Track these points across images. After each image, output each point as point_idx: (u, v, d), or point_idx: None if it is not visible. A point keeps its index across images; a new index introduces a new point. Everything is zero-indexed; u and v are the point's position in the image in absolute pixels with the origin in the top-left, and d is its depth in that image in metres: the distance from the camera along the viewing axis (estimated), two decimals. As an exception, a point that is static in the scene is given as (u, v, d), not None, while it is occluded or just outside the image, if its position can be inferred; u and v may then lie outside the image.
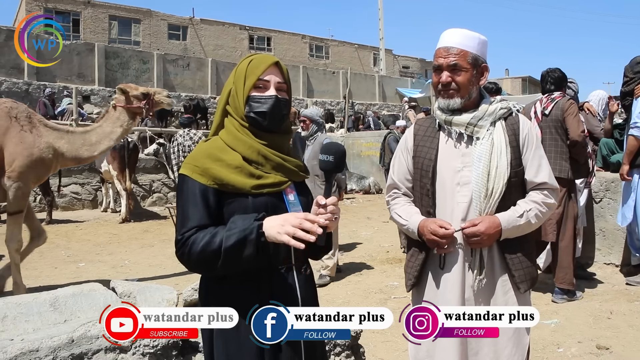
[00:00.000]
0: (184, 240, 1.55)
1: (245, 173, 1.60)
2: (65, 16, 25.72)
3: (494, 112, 2.07)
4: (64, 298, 2.66)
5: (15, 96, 16.22)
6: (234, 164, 1.60)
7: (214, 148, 1.65)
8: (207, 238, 1.52)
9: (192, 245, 1.53)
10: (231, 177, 1.59)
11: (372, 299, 4.86)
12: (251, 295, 1.60)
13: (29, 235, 4.97)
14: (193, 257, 1.53)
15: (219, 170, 1.59)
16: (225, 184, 1.59)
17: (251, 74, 1.65)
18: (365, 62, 36.41)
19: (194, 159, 1.63)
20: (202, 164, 1.60)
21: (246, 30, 31.74)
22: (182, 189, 1.62)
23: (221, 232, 1.52)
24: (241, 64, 1.70)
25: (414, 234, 2.12)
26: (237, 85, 1.67)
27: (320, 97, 26.54)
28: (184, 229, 1.56)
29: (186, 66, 23.81)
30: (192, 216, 1.57)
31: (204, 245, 1.51)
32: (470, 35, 2.08)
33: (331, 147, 1.70)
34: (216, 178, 1.58)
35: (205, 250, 1.51)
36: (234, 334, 1.59)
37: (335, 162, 1.67)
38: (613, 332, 3.98)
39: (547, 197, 2.09)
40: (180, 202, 1.62)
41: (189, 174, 1.60)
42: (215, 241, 1.50)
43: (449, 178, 2.08)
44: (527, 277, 2.08)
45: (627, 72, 5.12)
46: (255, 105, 1.64)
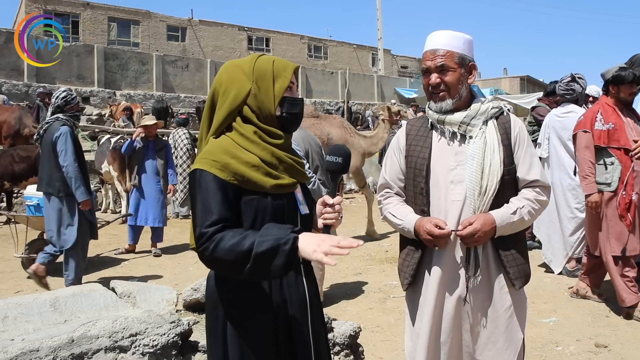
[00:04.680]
0: (210, 236, 1.50)
1: (263, 172, 1.60)
2: (65, 18, 25.70)
3: (486, 111, 2.10)
4: (64, 298, 2.67)
5: (15, 98, 16.23)
6: (251, 162, 1.59)
7: (229, 145, 1.61)
8: (237, 239, 1.48)
9: (219, 242, 1.49)
10: (252, 174, 1.57)
11: (371, 298, 4.87)
12: (263, 297, 1.62)
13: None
14: (218, 254, 1.49)
15: (238, 166, 1.57)
16: (245, 181, 1.57)
17: (281, 75, 1.66)
18: (363, 62, 36.41)
19: (210, 153, 1.59)
20: (222, 159, 1.57)
21: (245, 31, 31.74)
22: (199, 183, 1.57)
23: (252, 235, 1.48)
24: (260, 64, 1.67)
25: (410, 233, 2.14)
26: (264, 85, 1.64)
27: (319, 97, 26.53)
28: (207, 223, 1.52)
29: (185, 67, 23.80)
30: (215, 209, 1.53)
31: (233, 245, 1.47)
32: (455, 35, 2.11)
33: (339, 149, 1.75)
34: (237, 174, 1.56)
35: (233, 250, 1.47)
36: (248, 335, 1.61)
37: (343, 163, 1.74)
38: (611, 330, 3.99)
39: (539, 195, 2.12)
40: (198, 197, 1.56)
41: (208, 168, 1.56)
42: (244, 243, 1.46)
43: (443, 176, 2.10)
44: (521, 274, 2.11)
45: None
46: (290, 107, 1.66)
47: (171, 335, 2.40)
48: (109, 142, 9.57)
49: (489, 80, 33.30)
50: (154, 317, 2.42)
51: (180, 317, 2.54)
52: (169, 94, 21.98)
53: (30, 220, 5.85)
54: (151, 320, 2.39)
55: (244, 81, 1.65)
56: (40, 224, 5.86)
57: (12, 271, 6.02)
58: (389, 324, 4.20)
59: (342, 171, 1.75)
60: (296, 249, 1.46)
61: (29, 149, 8.52)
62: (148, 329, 2.35)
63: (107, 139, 10.07)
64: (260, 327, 1.61)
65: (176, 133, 9.58)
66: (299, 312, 1.67)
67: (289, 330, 1.66)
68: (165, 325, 2.41)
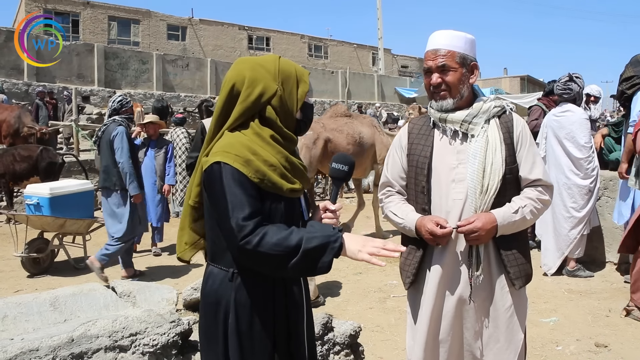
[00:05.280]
0: (253, 229, 1.48)
1: (280, 174, 1.58)
2: (65, 17, 25.70)
3: (488, 110, 2.09)
4: (64, 298, 2.66)
5: (15, 97, 16.23)
6: (269, 161, 1.57)
7: (248, 141, 1.58)
8: (284, 234, 1.48)
9: (265, 236, 1.47)
10: (271, 174, 1.56)
11: (371, 298, 4.87)
12: (267, 297, 1.63)
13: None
14: (263, 248, 1.47)
15: (260, 164, 1.54)
16: (266, 181, 1.55)
17: (303, 80, 1.67)
18: (364, 61, 36.41)
19: (232, 147, 1.55)
20: (244, 155, 1.54)
21: (245, 31, 31.74)
22: (225, 176, 1.52)
23: (297, 232, 1.50)
24: (283, 66, 1.65)
25: (412, 232, 2.13)
26: (288, 88, 1.64)
27: (320, 96, 26.54)
28: (243, 215, 1.48)
29: (185, 66, 23.81)
30: (247, 202, 1.50)
31: (280, 239, 1.47)
32: (456, 35, 2.10)
33: (345, 158, 1.80)
34: (259, 172, 1.54)
35: (281, 244, 1.47)
36: (249, 331, 1.61)
37: (348, 171, 1.79)
38: (611, 330, 3.99)
39: (541, 194, 2.11)
40: (226, 190, 1.51)
41: (231, 162, 1.52)
42: (292, 238, 1.48)
43: (444, 175, 2.10)
44: (522, 274, 2.10)
45: (629, 70, 5.04)
46: (308, 112, 1.72)
47: (171, 334, 2.39)
48: (109, 141, 9.54)
49: (489, 80, 33.31)
50: (154, 316, 2.41)
51: (180, 317, 2.54)
52: (169, 93, 21.99)
53: (30, 220, 5.84)
54: (151, 320, 2.38)
55: (270, 80, 1.61)
56: (40, 223, 5.86)
57: (11, 270, 6.02)
58: (389, 324, 4.19)
59: (345, 179, 1.79)
60: (342, 246, 1.50)
61: (30, 148, 8.51)
62: (148, 328, 2.35)
63: (107, 138, 10.05)
64: (261, 326, 1.61)
65: (174, 132, 9.55)
66: (296, 313, 1.69)
67: (288, 330, 1.67)
68: (166, 324, 2.40)
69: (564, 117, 5.19)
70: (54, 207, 5.80)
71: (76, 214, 6.00)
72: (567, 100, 5.28)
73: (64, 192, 5.98)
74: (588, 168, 5.13)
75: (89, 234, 6.43)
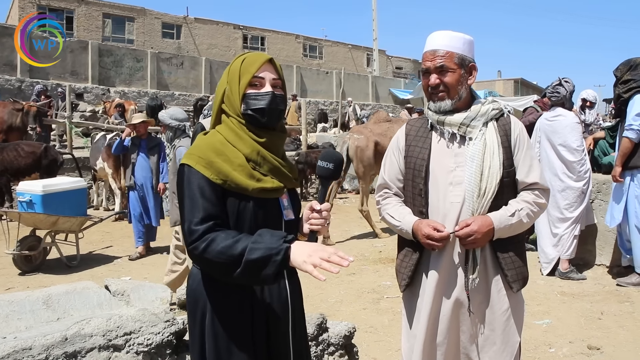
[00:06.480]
0: (201, 234, 1.50)
1: (247, 173, 1.59)
2: (59, 13, 25.52)
3: (486, 113, 2.09)
4: (57, 296, 2.64)
5: (8, 93, 16.10)
6: (236, 162, 1.59)
7: (216, 141, 1.63)
8: (229, 242, 1.48)
9: (211, 243, 1.49)
10: (235, 174, 1.57)
11: (364, 299, 4.86)
12: (243, 298, 1.62)
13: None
14: (209, 255, 1.49)
15: (223, 165, 1.57)
16: (229, 181, 1.57)
17: (246, 72, 1.65)
18: (358, 62, 36.43)
19: (198, 149, 1.61)
20: (207, 157, 1.58)
21: (240, 30, 31.67)
22: (187, 179, 1.58)
23: (244, 240, 1.49)
24: (234, 62, 1.70)
25: (408, 235, 2.13)
26: (232, 83, 1.66)
27: (314, 96, 26.53)
28: (196, 220, 1.52)
29: (180, 65, 23.73)
30: (202, 206, 1.53)
31: (225, 248, 1.47)
32: (455, 36, 2.10)
33: (331, 155, 1.73)
34: (220, 173, 1.56)
35: (225, 253, 1.47)
36: (225, 334, 1.60)
37: (335, 169, 1.71)
38: (604, 332, 4.01)
39: (538, 197, 2.11)
40: (186, 192, 1.57)
41: (194, 164, 1.57)
42: (237, 247, 1.47)
43: (442, 178, 2.09)
44: (519, 277, 2.10)
45: (624, 74, 5.02)
46: (252, 103, 1.64)
47: (166, 334, 2.38)
48: (104, 139, 9.52)
49: (483, 82, 33.42)
50: (149, 315, 2.40)
51: (175, 316, 2.52)
52: (163, 91, 21.91)
53: (22, 217, 5.81)
54: (146, 319, 2.37)
55: (223, 82, 1.70)
56: (32, 221, 5.83)
57: (3, 268, 5.98)
58: (382, 325, 4.19)
59: (332, 177, 1.72)
60: (288, 258, 1.46)
61: (34, 144, 8.58)
62: (142, 327, 2.33)
63: (102, 135, 10.02)
64: (237, 327, 1.61)
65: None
66: (279, 314, 1.67)
67: (268, 332, 1.66)
68: (160, 324, 2.39)
69: (557, 121, 5.29)
70: (46, 204, 5.77)
71: (69, 211, 5.97)
72: (555, 103, 5.36)
73: (57, 190, 5.95)
74: (581, 170, 5.22)
75: (82, 231, 6.40)
